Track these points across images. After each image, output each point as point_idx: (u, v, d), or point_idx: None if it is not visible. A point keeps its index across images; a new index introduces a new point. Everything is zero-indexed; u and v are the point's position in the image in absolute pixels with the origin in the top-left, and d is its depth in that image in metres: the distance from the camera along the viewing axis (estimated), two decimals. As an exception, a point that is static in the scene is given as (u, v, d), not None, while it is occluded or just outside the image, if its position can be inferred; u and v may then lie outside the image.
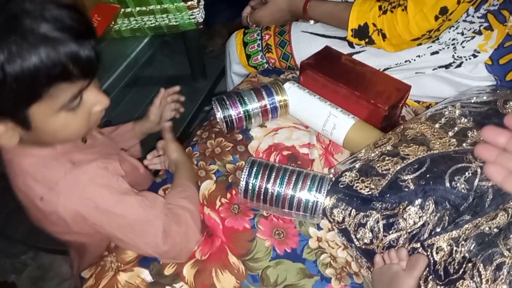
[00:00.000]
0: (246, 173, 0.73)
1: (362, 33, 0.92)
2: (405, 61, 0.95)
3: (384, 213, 0.67)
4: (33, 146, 0.62)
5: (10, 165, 0.65)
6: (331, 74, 0.88)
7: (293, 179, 0.72)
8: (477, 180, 0.64)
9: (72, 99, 0.56)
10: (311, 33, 1.03)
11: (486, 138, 0.42)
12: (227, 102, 0.85)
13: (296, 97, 0.89)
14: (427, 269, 0.61)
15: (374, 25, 0.88)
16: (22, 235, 1.35)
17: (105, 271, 0.72)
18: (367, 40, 0.92)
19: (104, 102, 0.61)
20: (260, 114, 0.86)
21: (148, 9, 1.15)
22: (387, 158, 0.70)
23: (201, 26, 1.20)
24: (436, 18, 0.81)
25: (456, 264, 0.59)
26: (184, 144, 0.93)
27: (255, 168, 0.73)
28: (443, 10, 0.80)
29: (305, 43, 1.02)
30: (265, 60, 1.07)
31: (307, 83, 0.92)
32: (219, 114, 0.85)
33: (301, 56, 1.00)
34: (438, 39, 0.91)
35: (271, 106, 0.86)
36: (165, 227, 0.67)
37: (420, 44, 0.90)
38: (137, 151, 0.98)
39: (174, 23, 1.19)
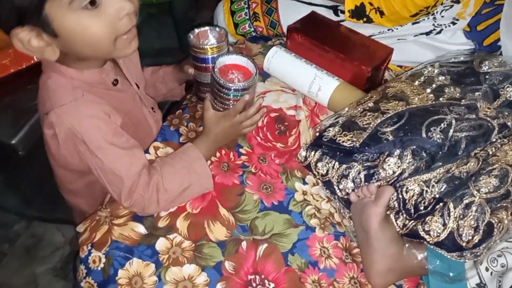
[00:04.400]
0: None
1: (359, 13, 0.93)
2: (388, 29, 0.99)
3: (365, 164, 0.71)
4: (68, 62, 0.67)
5: (40, 80, 0.72)
6: (316, 37, 0.91)
7: None
8: (451, 130, 0.68)
9: None
10: (298, 0, 1.05)
11: None
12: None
13: (282, 61, 0.91)
14: (399, 205, 0.66)
15: (371, 4, 0.90)
16: (14, 205, 1.37)
17: (100, 225, 0.75)
18: (365, 19, 0.94)
19: (126, 7, 0.61)
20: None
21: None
22: (368, 113, 0.74)
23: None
24: None
25: (426, 202, 0.64)
26: (174, 107, 0.96)
27: None
28: None
29: (292, 10, 1.04)
30: (252, 29, 1.10)
31: (293, 47, 0.95)
32: None
33: (288, 24, 1.02)
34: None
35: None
36: (132, 187, 0.70)
37: (418, 19, 0.92)
38: (179, 93, 1.00)
39: (163, -8, 1.20)
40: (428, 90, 0.76)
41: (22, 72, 1.02)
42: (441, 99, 0.74)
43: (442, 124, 0.69)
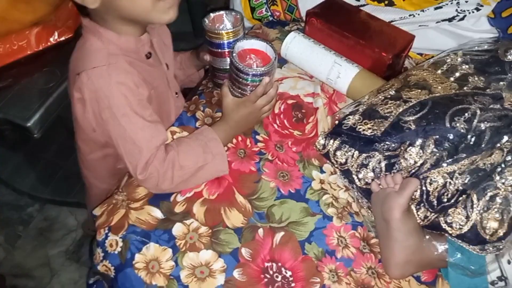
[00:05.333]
0: None
1: None
2: (409, 15, 0.96)
3: (386, 153, 0.70)
4: (107, 22, 0.69)
5: (78, 42, 0.74)
6: (336, 23, 0.89)
7: None
8: (476, 120, 0.67)
9: None
10: (317, -15, 1.02)
11: None
12: None
13: (300, 47, 0.90)
14: (421, 197, 0.65)
15: None
16: (28, 187, 1.38)
17: (117, 208, 0.75)
18: (386, 2, 0.91)
19: None
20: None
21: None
22: (390, 101, 0.73)
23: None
24: None
25: (449, 194, 0.63)
26: (190, 93, 0.95)
27: None
28: None
29: (310, -5, 1.02)
30: (269, 13, 1.07)
31: (312, 32, 0.93)
32: None
33: (306, 8, 0.99)
34: None
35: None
36: (149, 160, 0.70)
37: (440, 3, 0.89)
38: (197, 79, 1.00)
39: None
40: (452, 79, 0.74)
41: (39, 54, 1.01)
42: (465, 88, 0.72)
43: (466, 114, 0.67)
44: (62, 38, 1.02)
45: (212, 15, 0.81)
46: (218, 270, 0.68)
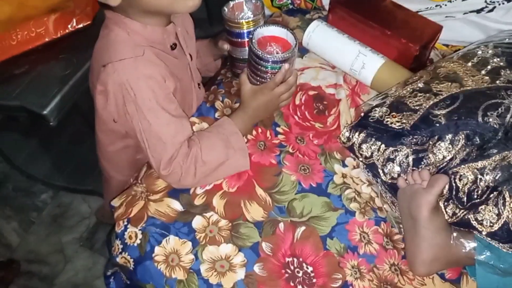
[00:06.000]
0: None
1: None
2: (436, 5, 0.93)
3: (414, 148, 0.67)
4: (131, 15, 0.68)
5: (102, 30, 0.72)
6: (361, 12, 0.86)
7: None
8: (509, 116, 0.64)
9: None
10: (340, -28, 0.99)
11: None
12: None
13: (323, 36, 0.87)
14: (450, 193, 0.63)
15: None
16: (42, 174, 1.38)
17: (136, 200, 0.74)
18: None
19: None
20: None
21: None
22: (419, 94, 0.70)
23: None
24: None
25: (480, 191, 0.61)
26: (209, 83, 0.93)
27: None
28: None
29: (332, -18, 0.98)
30: (290, 1, 1.05)
31: (335, 21, 0.90)
32: None
33: (328, -4, 0.97)
34: None
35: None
36: (173, 156, 0.68)
37: None
38: (214, 69, 0.98)
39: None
40: (483, 72, 0.71)
41: (55, 42, 1.00)
42: (497, 82, 0.69)
43: (499, 109, 0.64)
44: (80, 25, 1.00)
45: (231, 3, 0.79)
46: (239, 265, 0.67)
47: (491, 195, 0.60)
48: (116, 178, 0.93)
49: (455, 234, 0.63)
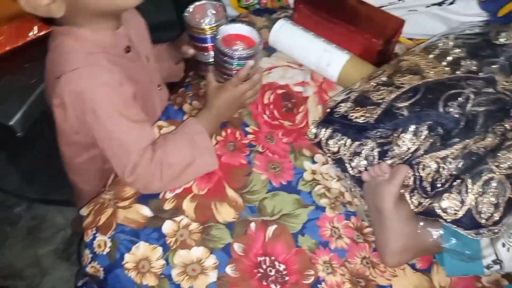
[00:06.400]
0: None
1: None
2: (399, 0, 0.94)
3: (379, 141, 0.68)
4: (78, 23, 0.66)
5: (51, 43, 0.70)
6: (325, 9, 0.87)
7: None
8: (469, 105, 0.65)
9: None
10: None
11: None
12: None
13: (289, 34, 0.87)
14: (414, 183, 0.64)
15: None
16: (15, 187, 1.34)
17: (104, 208, 0.72)
18: None
19: None
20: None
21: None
22: (382, 88, 0.71)
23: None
24: None
25: (443, 179, 0.62)
26: (177, 85, 0.92)
27: None
28: None
29: (297, -19, 0.99)
30: (256, 1, 1.05)
31: (300, 20, 0.90)
32: None
33: (293, -5, 0.97)
34: None
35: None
36: (137, 162, 0.67)
37: None
38: (176, 73, 0.96)
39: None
40: (444, 63, 0.73)
41: (19, 51, 0.98)
42: (457, 72, 0.70)
43: (459, 99, 0.66)
44: (42, 33, 0.98)
45: (192, 7, 0.78)
46: (211, 267, 0.67)
47: (454, 183, 0.61)
48: (87, 190, 0.90)
49: (422, 224, 0.64)
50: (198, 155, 0.71)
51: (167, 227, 0.69)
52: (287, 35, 0.87)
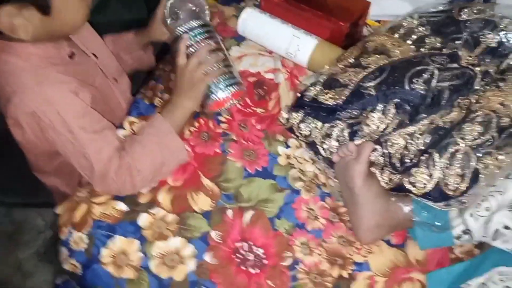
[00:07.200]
0: None
1: None
2: (365, -18, 0.95)
3: (349, 121, 0.69)
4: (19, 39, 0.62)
5: None
6: (291, -5, 0.87)
7: None
8: (434, 81, 0.67)
9: None
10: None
11: None
12: None
13: (257, 22, 0.87)
14: (384, 160, 0.65)
15: None
16: (-11, 193, 1.31)
17: (79, 205, 0.72)
18: None
19: None
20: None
21: None
22: (349, 69, 0.72)
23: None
24: None
25: (411, 155, 0.63)
26: (146, 78, 0.91)
27: None
28: None
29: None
30: (224, -10, 1.04)
31: (268, 7, 0.90)
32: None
33: (260, -17, 0.97)
34: None
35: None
36: (104, 172, 0.67)
37: None
38: (147, 62, 0.94)
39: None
40: (409, 42, 0.74)
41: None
42: (422, 49, 0.72)
43: (424, 75, 0.67)
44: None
45: (169, 3, 0.77)
46: (189, 256, 0.67)
47: (422, 158, 0.63)
48: (66, 191, 0.89)
49: (393, 199, 0.65)
50: (169, 156, 0.71)
51: (143, 219, 0.69)
52: (256, 23, 0.87)
